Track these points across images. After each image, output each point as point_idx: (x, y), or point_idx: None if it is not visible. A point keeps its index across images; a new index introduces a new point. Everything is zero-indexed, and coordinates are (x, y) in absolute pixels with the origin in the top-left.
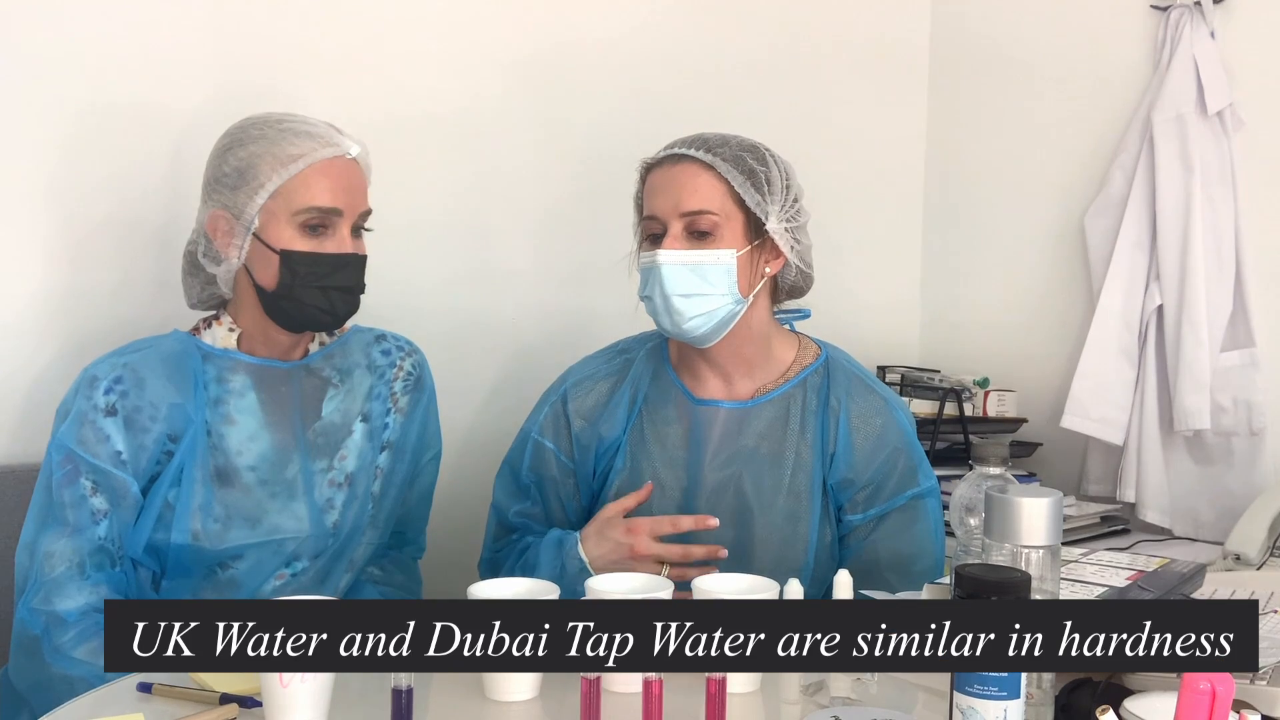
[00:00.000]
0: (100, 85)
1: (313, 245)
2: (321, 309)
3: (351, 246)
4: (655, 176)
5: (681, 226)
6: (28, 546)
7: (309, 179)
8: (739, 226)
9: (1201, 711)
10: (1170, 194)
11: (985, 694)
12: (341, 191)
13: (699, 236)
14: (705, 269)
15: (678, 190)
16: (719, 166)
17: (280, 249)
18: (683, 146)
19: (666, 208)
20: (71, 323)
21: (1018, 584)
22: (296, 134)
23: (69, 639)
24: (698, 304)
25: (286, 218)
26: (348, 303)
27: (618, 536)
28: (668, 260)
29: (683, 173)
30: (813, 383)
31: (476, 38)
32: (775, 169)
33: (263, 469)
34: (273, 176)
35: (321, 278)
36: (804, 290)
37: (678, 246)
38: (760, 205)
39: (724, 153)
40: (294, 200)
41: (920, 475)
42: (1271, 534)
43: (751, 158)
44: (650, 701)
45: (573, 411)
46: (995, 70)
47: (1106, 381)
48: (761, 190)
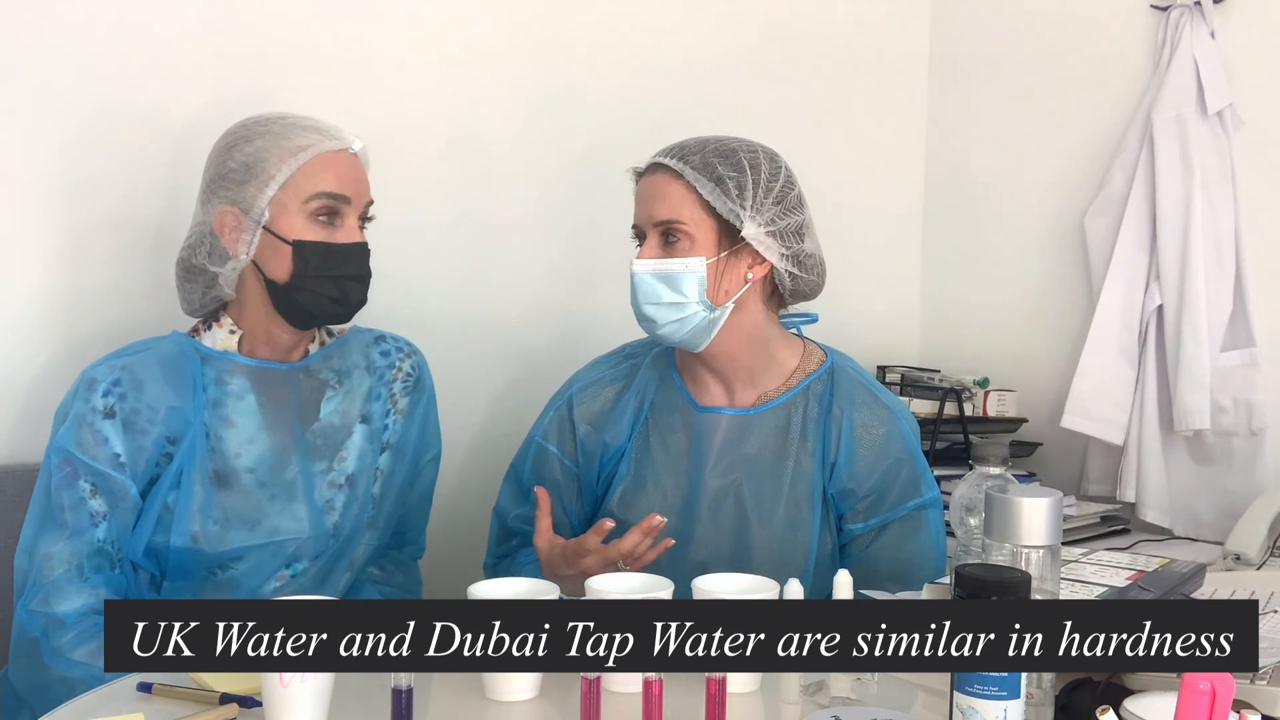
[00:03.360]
0: (99, 87)
1: (325, 235)
2: (334, 299)
3: (361, 236)
4: (639, 185)
5: (656, 235)
6: (27, 548)
7: (316, 168)
8: (711, 234)
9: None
10: (1170, 194)
11: (985, 694)
12: (349, 181)
13: (670, 245)
14: (675, 277)
15: (651, 199)
16: (687, 174)
17: (293, 239)
18: (660, 155)
19: (643, 217)
20: (70, 323)
21: (1018, 584)
22: (302, 127)
23: (68, 641)
24: (668, 312)
25: (297, 207)
26: (359, 292)
27: (565, 571)
28: (639, 269)
29: (656, 182)
30: (816, 390)
31: (477, 39)
32: (750, 172)
33: (262, 471)
34: (281, 168)
35: (335, 267)
36: (810, 294)
37: (652, 255)
38: (732, 212)
39: (695, 160)
40: (304, 188)
41: (923, 486)
42: (1271, 534)
43: (724, 163)
44: (650, 701)
45: (578, 417)
46: (995, 70)
47: (1106, 381)
48: (731, 196)
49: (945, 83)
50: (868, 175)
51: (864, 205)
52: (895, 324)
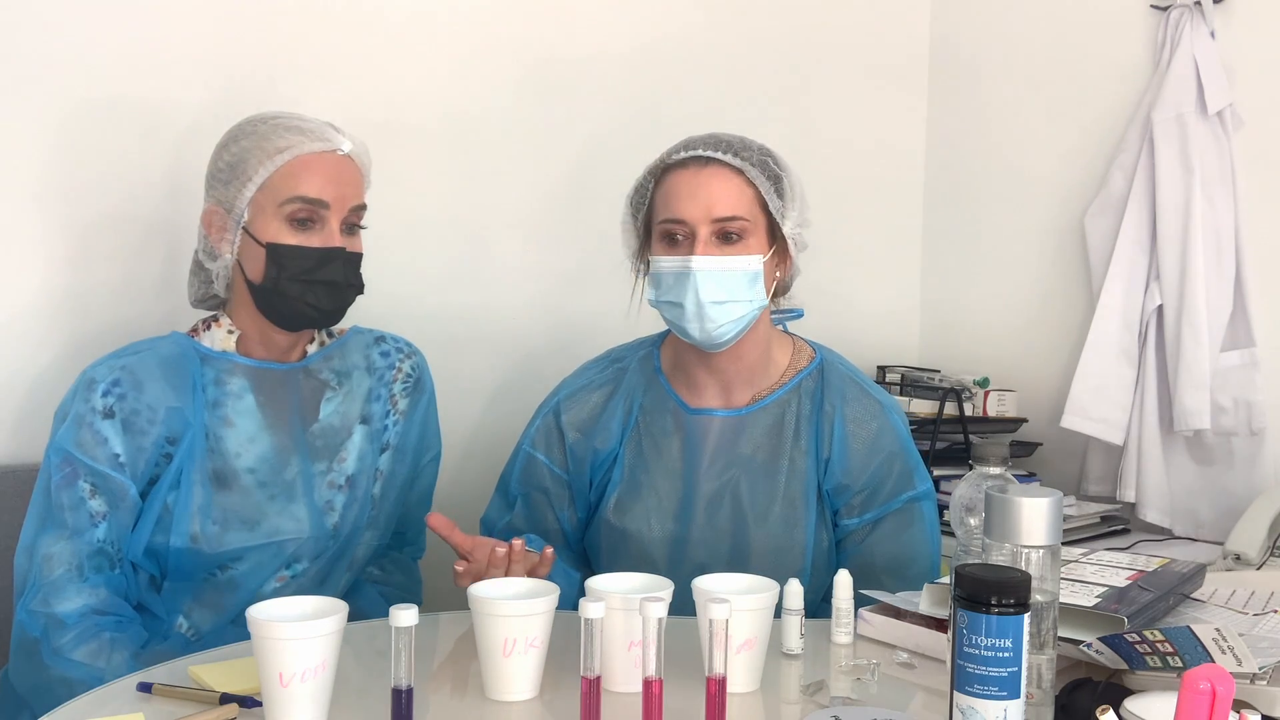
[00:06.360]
0: (100, 83)
1: (299, 239)
2: (309, 303)
3: (340, 241)
4: (679, 178)
5: (710, 231)
6: (27, 549)
7: (295, 170)
8: (763, 232)
9: (1201, 711)
10: (1170, 194)
11: (985, 694)
12: (329, 184)
13: (728, 242)
14: (737, 275)
15: (708, 195)
16: (748, 172)
17: (266, 242)
18: (707, 149)
19: (696, 213)
20: (71, 322)
21: (1018, 584)
22: (287, 129)
23: (68, 641)
24: (730, 310)
25: (273, 210)
26: (337, 297)
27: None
28: (703, 266)
29: (713, 177)
30: (807, 387)
31: (477, 39)
32: (790, 174)
33: (262, 471)
34: (259, 170)
35: (307, 271)
36: (789, 289)
37: (709, 252)
38: (780, 211)
39: (750, 157)
40: (280, 191)
41: (916, 478)
42: (1271, 534)
43: (774, 162)
44: (650, 701)
45: (566, 424)
46: (995, 70)
47: (1106, 381)
48: (784, 196)
49: (945, 83)
50: (868, 175)
51: (864, 205)
52: (895, 324)
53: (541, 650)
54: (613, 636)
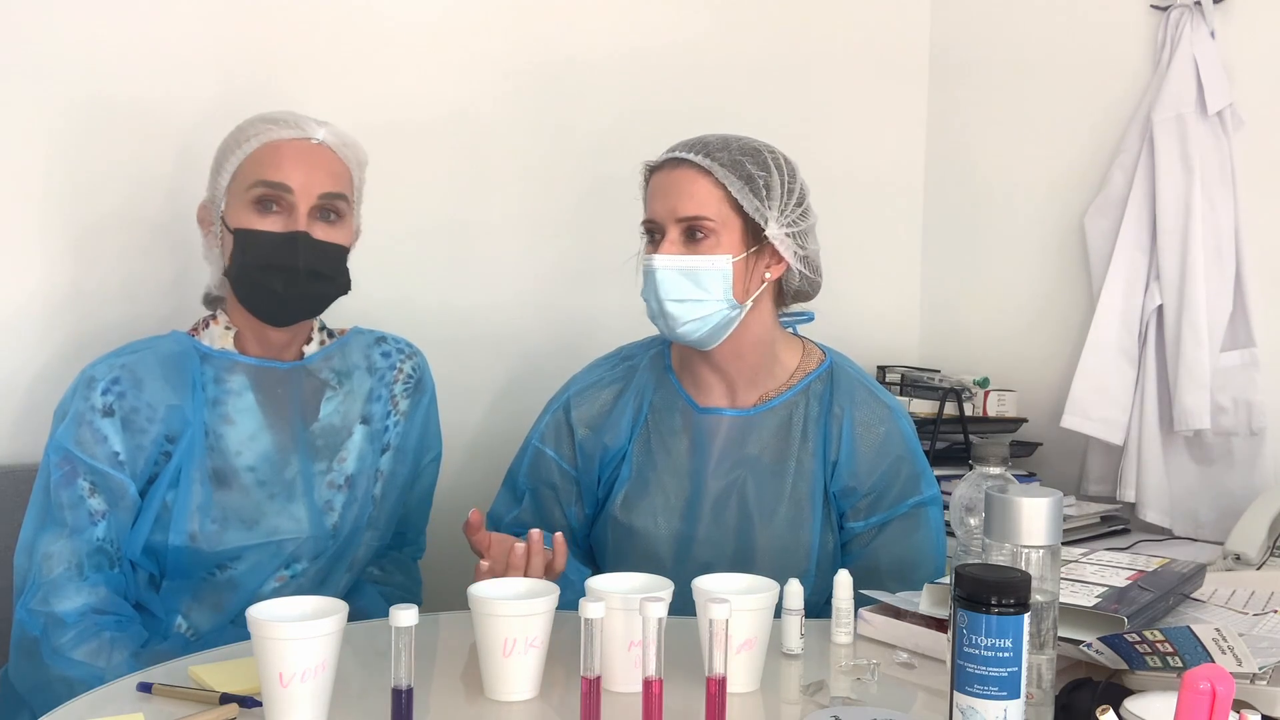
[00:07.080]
0: (102, 82)
1: (263, 225)
2: (270, 289)
3: (305, 226)
4: (656, 179)
5: (678, 231)
6: (26, 547)
7: (261, 156)
8: (736, 232)
9: (1201, 711)
10: (1170, 194)
11: (985, 694)
12: (296, 170)
13: (694, 241)
14: (700, 274)
15: (675, 195)
16: (716, 172)
17: (234, 228)
18: (683, 150)
19: (663, 212)
20: (72, 322)
21: (1018, 584)
22: (263, 120)
23: (68, 640)
24: (691, 309)
25: (240, 195)
26: (294, 284)
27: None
28: (662, 265)
29: (681, 177)
30: (816, 389)
31: (478, 40)
32: (776, 173)
33: (262, 470)
34: (231, 158)
35: (265, 256)
36: (810, 295)
37: (673, 251)
38: (759, 211)
39: (722, 157)
40: (247, 177)
41: (923, 483)
42: (1271, 534)
43: (751, 162)
44: (650, 701)
45: (576, 420)
46: (995, 70)
47: (1106, 381)
48: (760, 195)
49: (945, 82)
50: (868, 175)
51: (864, 205)
52: (895, 324)
53: (541, 650)
54: (613, 636)
